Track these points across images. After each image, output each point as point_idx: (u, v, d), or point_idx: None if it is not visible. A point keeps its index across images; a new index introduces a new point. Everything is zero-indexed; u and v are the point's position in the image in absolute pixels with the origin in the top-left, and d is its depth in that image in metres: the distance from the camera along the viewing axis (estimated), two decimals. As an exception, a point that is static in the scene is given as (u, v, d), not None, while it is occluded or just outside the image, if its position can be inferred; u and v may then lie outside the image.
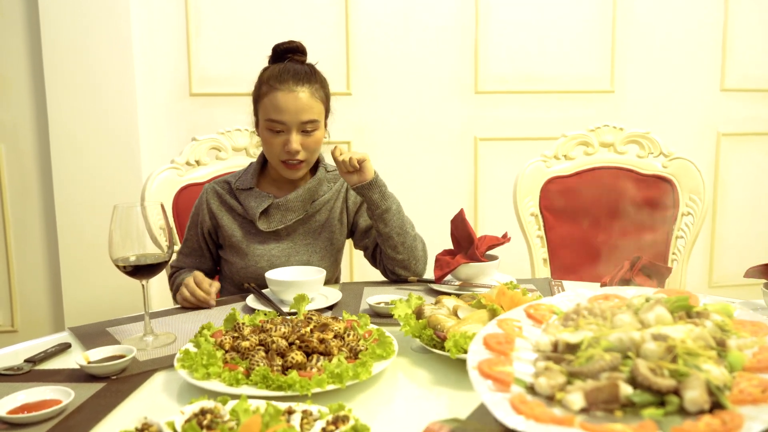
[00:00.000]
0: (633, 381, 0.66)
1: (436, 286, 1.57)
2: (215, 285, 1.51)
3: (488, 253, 1.60)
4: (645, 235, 2.18)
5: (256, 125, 1.68)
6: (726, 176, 3.32)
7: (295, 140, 1.60)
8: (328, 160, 1.78)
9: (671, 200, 2.15)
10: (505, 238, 1.59)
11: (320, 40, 2.96)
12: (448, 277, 1.59)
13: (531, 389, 0.69)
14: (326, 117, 1.69)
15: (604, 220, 2.22)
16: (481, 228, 3.15)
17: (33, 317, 2.93)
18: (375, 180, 1.63)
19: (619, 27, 3.11)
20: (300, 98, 1.58)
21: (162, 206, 1.27)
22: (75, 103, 2.71)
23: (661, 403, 0.64)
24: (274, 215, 1.67)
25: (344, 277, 3.07)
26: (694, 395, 0.62)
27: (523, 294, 1.27)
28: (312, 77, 1.63)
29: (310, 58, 1.72)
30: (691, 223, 2.11)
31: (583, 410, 0.65)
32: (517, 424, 0.60)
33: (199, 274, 1.54)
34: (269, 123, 1.61)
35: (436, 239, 1.90)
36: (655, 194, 2.18)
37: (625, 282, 1.46)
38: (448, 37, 3.04)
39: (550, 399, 0.67)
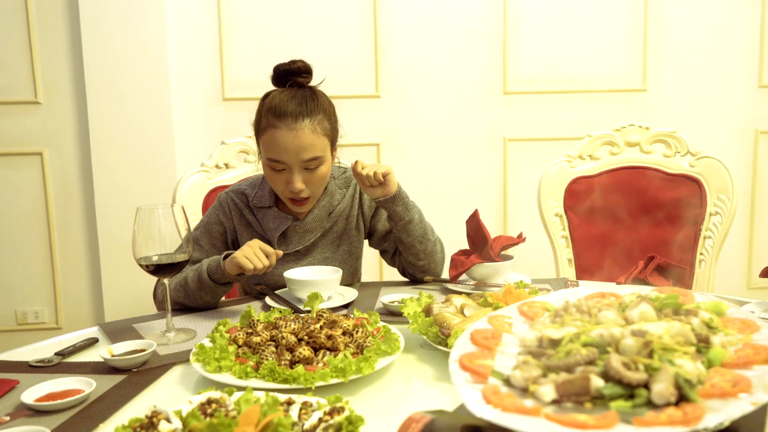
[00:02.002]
0: (606, 374, 0.68)
1: (451, 286, 1.59)
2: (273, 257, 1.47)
3: (503, 253, 1.61)
4: (672, 235, 2.16)
5: (260, 154, 1.61)
6: (765, 175, 3.24)
7: (298, 180, 1.53)
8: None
9: (698, 200, 2.12)
10: (520, 239, 1.61)
11: (349, 44, 3.01)
12: (464, 276, 1.62)
13: (508, 382, 0.72)
14: (333, 145, 1.61)
15: (629, 220, 2.20)
16: (510, 229, 3.16)
17: (76, 315, 3.07)
18: (399, 192, 1.60)
19: (651, 23, 3.07)
20: (299, 136, 1.50)
21: (183, 209, 1.34)
22: (114, 110, 2.83)
23: (632, 396, 0.66)
24: (292, 237, 1.65)
25: (373, 276, 3.12)
26: (661, 388, 0.64)
27: (531, 293, 1.30)
28: (314, 108, 1.53)
29: (340, 63, 1.65)
30: (720, 223, 2.08)
31: (555, 402, 0.68)
32: (485, 412, 0.63)
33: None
34: (270, 162, 1.54)
35: (465, 241, 1.92)
36: (681, 194, 2.15)
37: (639, 281, 1.47)
38: (476, 38, 3.06)
39: (525, 391, 0.70)
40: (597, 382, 0.67)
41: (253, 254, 1.43)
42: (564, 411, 0.65)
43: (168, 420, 0.87)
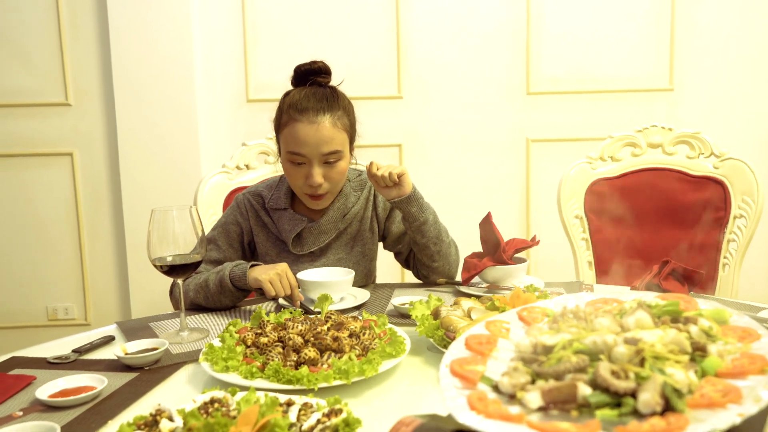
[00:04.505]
0: (594, 382, 0.68)
1: (463, 289, 1.59)
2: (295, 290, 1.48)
3: (516, 256, 1.61)
4: (695, 238, 2.12)
5: (279, 152, 1.65)
6: (797, 176, 3.15)
7: (317, 173, 1.56)
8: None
9: (722, 202, 2.08)
10: (533, 242, 1.60)
11: (371, 46, 3.03)
12: (477, 279, 1.62)
13: (496, 388, 0.72)
14: (352, 143, 1.64)
15: (651, 222, 2.17)
16: (532, 230, 3.14)
17: (104, 312, 3.15)
18: (413, 193, 1.61)
19: (678, 21, 3.02)
20: (320, 129, 1.53)
21: (197, 210, 1.36)
22: (141, 112, 2.90)
23: (619, 405, 0.66)
24: (306, 238, 1.67)
25: (392, 279, 3.12)
26: (647, 397, 0.63)
27: (541, 297, 1.29)
28: (334, 104, 1.57)
29: (362, 64, 1.66)
30: (744, 226, 2.04)
31: (542, 409, 0.68)
32: (467, 419, 0.63)
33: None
34: (290, 155, 1.57)
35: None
36: (705, 196, 2.11)
37: (653, 286, 1.45)
38: (499, 38, 3.04)
39: (513, 398, 0.70)
40: (584, 390, 0.67)
41: (278, 282, 1.45)
42: (549, 419, 0.65)
43: (171, 418, 0.89)
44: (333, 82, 1.65)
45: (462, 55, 3.05)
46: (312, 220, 1.67)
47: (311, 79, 1.61)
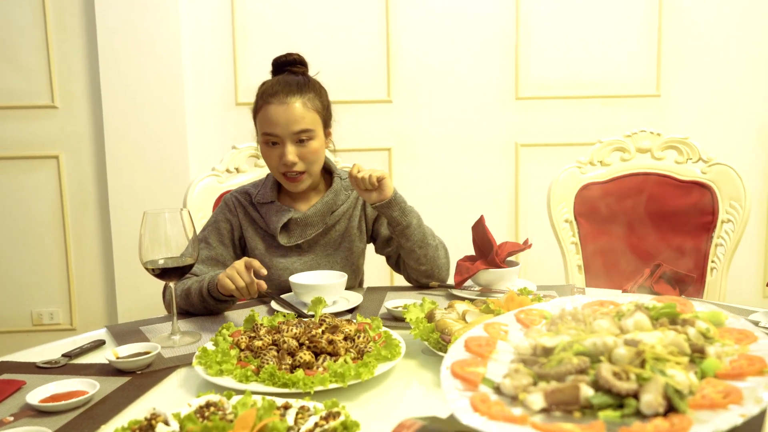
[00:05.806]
0: (596, 384, 0.68)
1: (456, 292, 1.59)
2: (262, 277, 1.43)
3: (509, 259, 1.61)
4: (683, 242, 2.14)
5: (258, 141, 1.70)
6: (782, 182, 3.19)
7: (291, 152, 1.60)
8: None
9: (710, 207, 2.10)
10: (526, 245, 1.61)
11: (361, 49, 3.03)
12: (469, 282, 1.62)
13: (498, 390, 0.72)
14: (326, 126, 1.69)
15: (640, 226, 2.19)
16: (521, 234, 3.15)
17: (90, 316, 3.11)
18: (394, 197, 1.61)
19: (666, 28, 3.05)
20: (290, 109, 1.59)
21: (189, 213, 1.35)
22: (128, 115, 2.88)
23: (621, 406, 0.66)
24: (294, 230, 1.69)
25: (383, 281, 3.12)
26: (650, 398, 0.64)
27: (534, 300, 1.30)
28: (305, 87, 1.63)
29: (352, 67, 1.68)
30: (732, 231, 2.06)
31: (544, 411, 0.68)
32: (471, 420, 0.63)
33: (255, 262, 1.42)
34: (264, 137, 1.63)
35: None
36: (693, 201, 2.13)
37: (644, 289, 1.46)
38: (489, 43, 3.06)
39: (515, 399, 0.70)
40: (586, 392, 0.67)
41: (236, 273, 1.41)
42: (552, 420, 0.65)
43: (166, 423, 0.88)
44: (312, 75, 1.70)
45: (451, 59, 3.06)
46: (299, 212, 1.68)
47: (287, 69, 1.68)
